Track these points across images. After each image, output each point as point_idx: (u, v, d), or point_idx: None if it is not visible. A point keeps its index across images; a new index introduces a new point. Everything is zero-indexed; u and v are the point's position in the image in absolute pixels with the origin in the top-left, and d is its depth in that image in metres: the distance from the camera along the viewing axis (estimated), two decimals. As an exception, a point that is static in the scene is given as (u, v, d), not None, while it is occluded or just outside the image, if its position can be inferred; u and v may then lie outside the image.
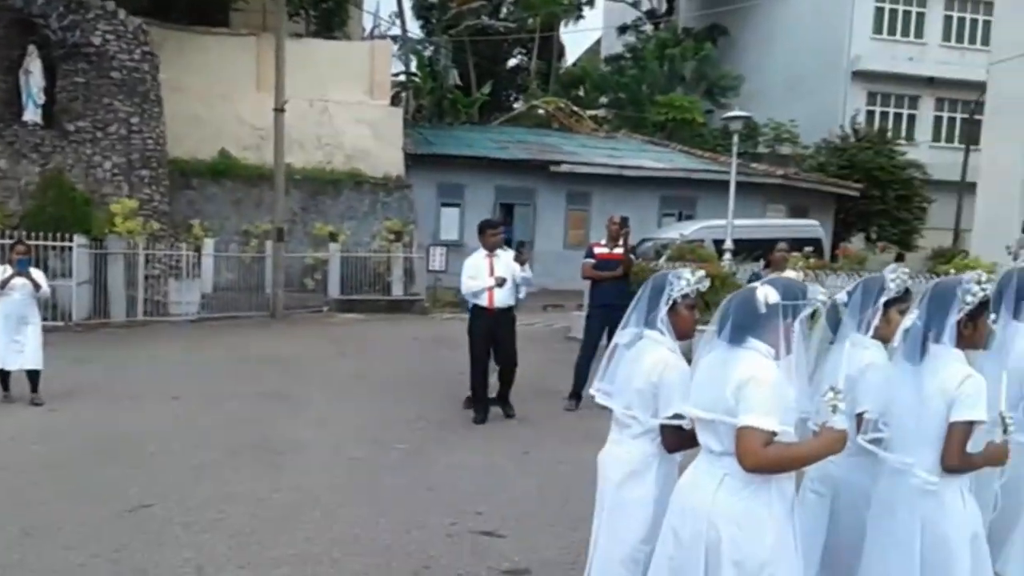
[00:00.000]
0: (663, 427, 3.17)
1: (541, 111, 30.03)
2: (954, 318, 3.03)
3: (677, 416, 3.06)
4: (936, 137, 31.04)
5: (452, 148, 23.85)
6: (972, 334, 3.10)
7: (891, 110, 30.91)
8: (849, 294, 3.40)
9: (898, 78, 29.93)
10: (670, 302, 3.24)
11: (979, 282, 3.09)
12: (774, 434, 2.63)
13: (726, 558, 2.69)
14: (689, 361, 3.10)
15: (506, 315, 8.34)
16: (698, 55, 30.99)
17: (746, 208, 19.81)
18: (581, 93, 33.54)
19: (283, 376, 10.61)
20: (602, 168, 23.70)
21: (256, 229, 19.41)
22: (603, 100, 33.57)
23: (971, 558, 2.94)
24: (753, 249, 13.50)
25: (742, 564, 2.67)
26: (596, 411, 8.66)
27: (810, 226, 19.50)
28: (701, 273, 3.34)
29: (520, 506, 5.81)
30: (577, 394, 9.08)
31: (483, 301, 8.24)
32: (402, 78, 29.01)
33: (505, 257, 8.33)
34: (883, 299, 3.34)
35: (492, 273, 8.18)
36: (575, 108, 29.92)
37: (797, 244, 12.82)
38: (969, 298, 3.05)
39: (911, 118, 31.12)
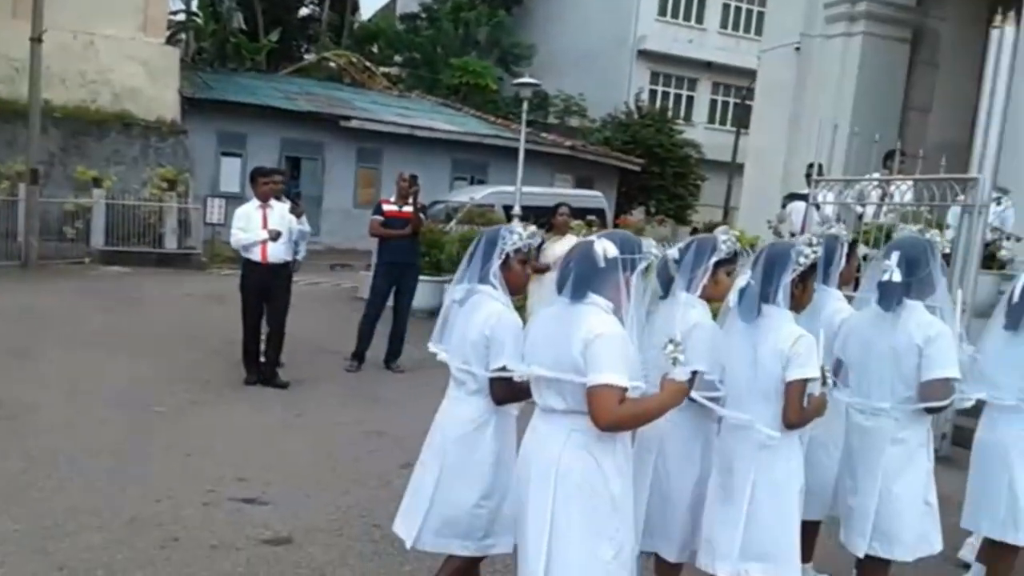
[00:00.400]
0: (492, 379, 3.14)
1: (332, 64, 28.99)
2: (788, 279, 3.14)
3: (505, 368, 3.06)
4: (711, 119, 32.96)
5: (234, 95, 22.48)
6: (802, 295, 3.26)
7: (672, 90, 32.46)
8: (681, 252, 3.43)
9: (679, 60, 31.44)
10: (503, 256, 3.22)
11: (811, 244, 3.22)
12: (625, 390, 2.62)
13: (575, 515, 2.68)
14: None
15: (281, 271, 7.86)
16: (492, 21, 31.06)
17: (536, 176, 20.11)
18: (375, 49, 32.73)
19: (31, 331, 9.55)
20: (394, 127, 23.24)
21: (7, 170, 17.41)
22: (397, 59, 32.95)
23: (798, 510, 3.11)
24: (541, 216, 13.66)
25: (590, 518, 2.68)
26: (378, 371, 8.58)
27: (595, 196, 20.10)
28: (533, 228, 3.34)
29: (287, 471, 5.47)
30: (360, 354, 8.79)
31: (255, 255, 7.71)
32: (181, 17, 27.06)
33: (280, 208, 7.83)
34: (713, 259, 3.40)
35: (265, 225, 7.67)
36: (368, 64, 29.16)
37: (582, 213, 13.07)
38: (802, 259, 3.19)
39: (690, 99, 32.84)
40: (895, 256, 3.41)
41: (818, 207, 8.38)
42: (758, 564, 3.08)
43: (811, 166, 9.02)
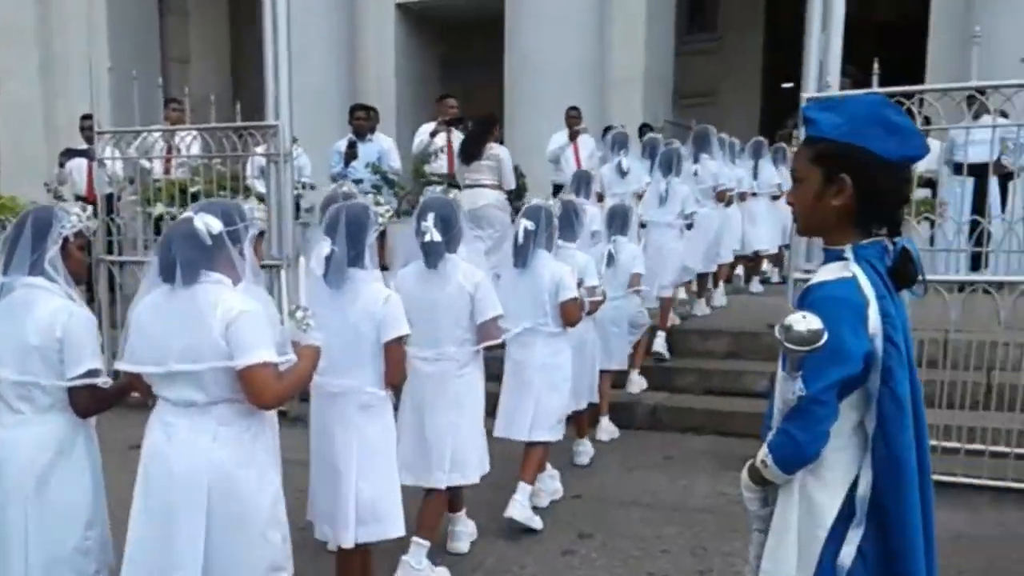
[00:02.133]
0: (73, 389, 2.75)
1: None
2: (372, 239, 3.20)
3: (91, 373, 2.75)
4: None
5: None
6: (381, 252, 3.44)
7: None
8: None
9: None
10: (60, 241, 2.80)
11: (378, 203, 3.53)
12: (278, 365, 2.52)
13: (234, 515, 2.52)
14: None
15: None
16: None
17: None
18: None
19: None
20: None
21: None
22: None
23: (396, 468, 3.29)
24: None
25: (256, 513, 2.55)
26: None
27: None
28: (90, 210, 3.14)
29: None
30: None
31: None
32: None
33: None
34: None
35: None
36: None
37: None
38: (381, 220, 3.31)
39: None
40: (431, 217, 3.63)
41: (102, 163, 7.41)
42: (365, 528, 3.18)
43: (86, 118, 7.96)
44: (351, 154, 8.29)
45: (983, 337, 4.81)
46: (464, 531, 4.10)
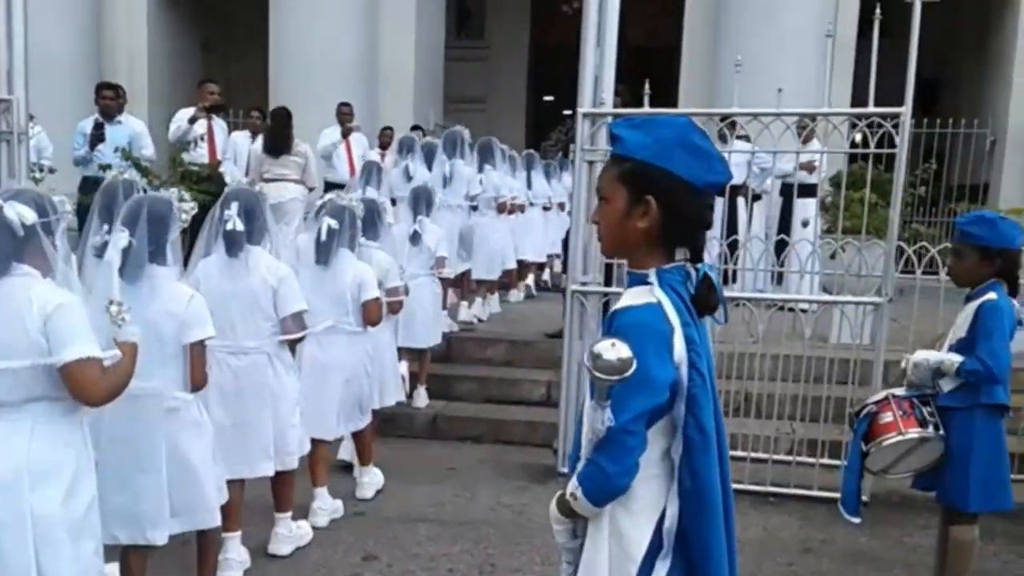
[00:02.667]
0: None
1: None
2: (175, 235, 3.06)
3: None
4: None
5: None
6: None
7: None
8: None
9: None
10: None
11: (182, 200, 3.14)
12: (102, 360, 2.42)
13: (57, 514, 2.38)
14: None
15: None
16: None
17: None
18: None
19: None
20: None
21: None
22: None
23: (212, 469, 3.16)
24: None
25: (73, 515, 2.43)
26: None
27: None
28: None
29: None
30: None
31: None
32: None
33: None
34: None
35: None
36: None
37: None
38: (184, 216, 3.11)
39: None
40: (234, 206, 3.58)
41: None
42: (178, 520, 3.08)
43: None
44: (98, 136, 7.50)
45: (742, 349, 5.13)
46: (287, 534, 4.04)
